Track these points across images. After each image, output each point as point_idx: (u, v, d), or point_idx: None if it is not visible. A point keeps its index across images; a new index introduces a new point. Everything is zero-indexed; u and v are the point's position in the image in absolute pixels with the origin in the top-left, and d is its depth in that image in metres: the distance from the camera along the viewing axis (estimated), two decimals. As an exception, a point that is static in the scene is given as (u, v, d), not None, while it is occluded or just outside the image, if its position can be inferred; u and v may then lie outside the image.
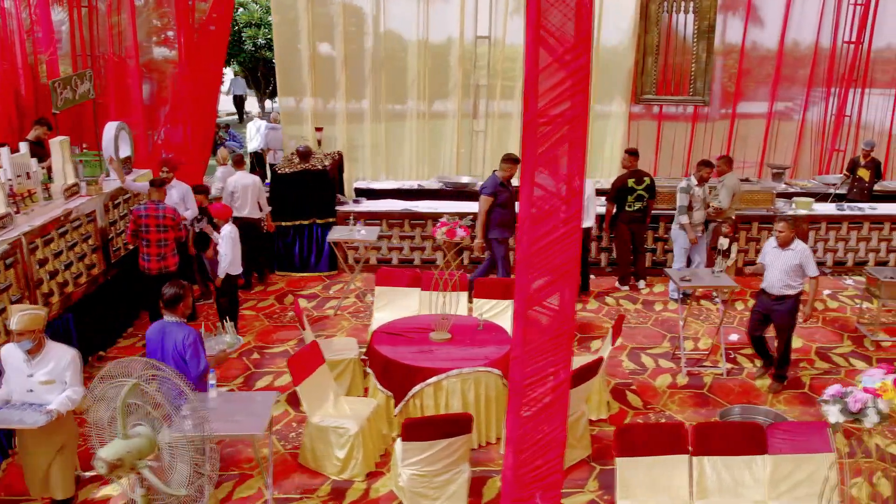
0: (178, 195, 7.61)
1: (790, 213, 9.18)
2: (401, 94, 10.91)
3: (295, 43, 10.66)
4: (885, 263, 9.27)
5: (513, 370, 4.00)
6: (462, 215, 6.63)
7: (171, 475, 3.57)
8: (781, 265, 6.17)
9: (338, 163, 9.55)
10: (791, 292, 6.22)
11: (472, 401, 5.51)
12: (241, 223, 7.57)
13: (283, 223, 8.81)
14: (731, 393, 6.44)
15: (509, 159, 7.90)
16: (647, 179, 8.38)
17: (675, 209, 8.87)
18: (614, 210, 8.47)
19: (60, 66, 9.88)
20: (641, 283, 8.87)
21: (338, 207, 9.02)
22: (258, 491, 5.10)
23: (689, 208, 8.02)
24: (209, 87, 10.42)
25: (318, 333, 7.36)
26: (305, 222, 8.85)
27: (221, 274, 6.86)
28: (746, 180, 9.96)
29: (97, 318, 6.99)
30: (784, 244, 6.17)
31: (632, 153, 8.52)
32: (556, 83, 3.63)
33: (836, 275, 9.28)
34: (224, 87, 20.64)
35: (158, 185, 6.74)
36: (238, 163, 8.64)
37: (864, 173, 9.97)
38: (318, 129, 9.72)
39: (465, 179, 10.68)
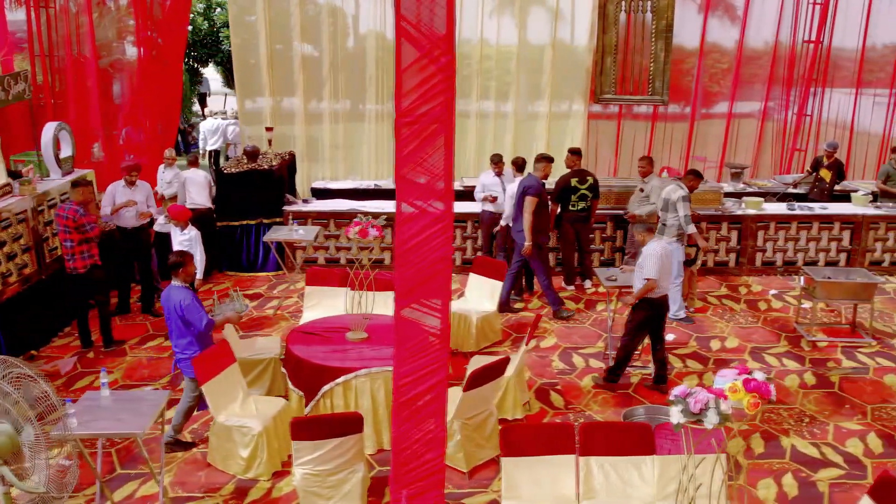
0: (143, 196, 7.75)
1: (739, 212, 9.15)
2: (359, 93, 10.93)
3: (254, 42, 10.70)
4: (835, 263, 9.23)
5: (394, 369, 4.02)
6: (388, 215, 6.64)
7: (31, 473, 3.59)
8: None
9: (287, 163, 9.55)
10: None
11: (382, 400, 5.50)
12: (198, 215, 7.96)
13: (231, 223, 8.83)
14: (655, 393, 6.42)
15: (544, 158, 7.99)
16: (590, 179, 8.36)
17: (622, 209, 8.87)
18: (558, 210, 8.46)
19: (17, 68, 9.91)
20: (588, 283, 8.85)
21: (286, 207, 9.03)
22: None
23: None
24: (169, 86, 10.44)
25: (254, 333, 7.37)
26: (252, 222, 8.87)
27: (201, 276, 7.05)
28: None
29: (31, 317, 7.03)
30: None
31: (575, 152, 8.51)
32: (423, 80, 3.65)
33: (786, 275, 9.24)
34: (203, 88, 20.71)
35: (74, 185, 6.78)
36: (192, 162, 8.74)
37: (825, 174, 9.92)
38: (269, 129, 9.73)
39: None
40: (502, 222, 8.28)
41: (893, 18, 11.04)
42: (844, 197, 9.88)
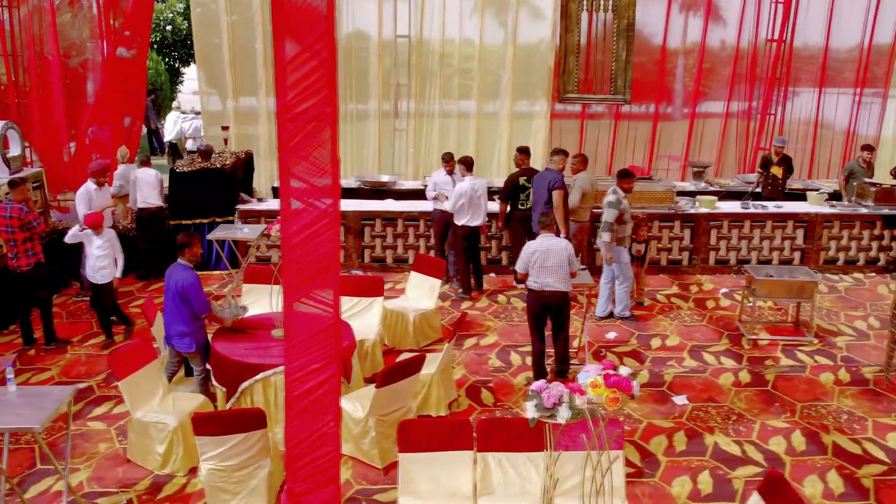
0: (109, 196, 7.96)
1: (692, 211, 9.15)
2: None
3: (216, 40, 10.75)
4: (789, 262, 9.22)
5: (285, 365, 4.04)
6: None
7: None
8: None
9: (243, 162, 9.59)
10: None
11: (302, 397, 5.52)
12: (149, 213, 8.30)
13: (183, 221, 8.87)
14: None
15: (560, 151, 8.19)
16: (538, 178, 8.38)
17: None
18: (508, 208, 8.47)
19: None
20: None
21: (240, 206, 9.06)
22: (79, 484, 5.15)
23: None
24: (134, 82, 10.45)
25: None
26: (205, 221, 8.90)
27: (120, 275, 7.21)
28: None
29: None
30: None
31: (523, 151, 8.53)
32: (304, 75, 3.66)
33: (739, 273, 9.23)
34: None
35: (12, 185, 6.82)
36: (144, 162, 8.77)
37: (776, 171, 9.93)
38: (225, 129, 9.77)
39: (385, 178, 10.71)
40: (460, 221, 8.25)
41: (856, 17, 11.03)
42: (801, 195, 9.87)
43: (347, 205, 9.20)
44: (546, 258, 6.19)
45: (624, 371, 3.30)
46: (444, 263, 7.54)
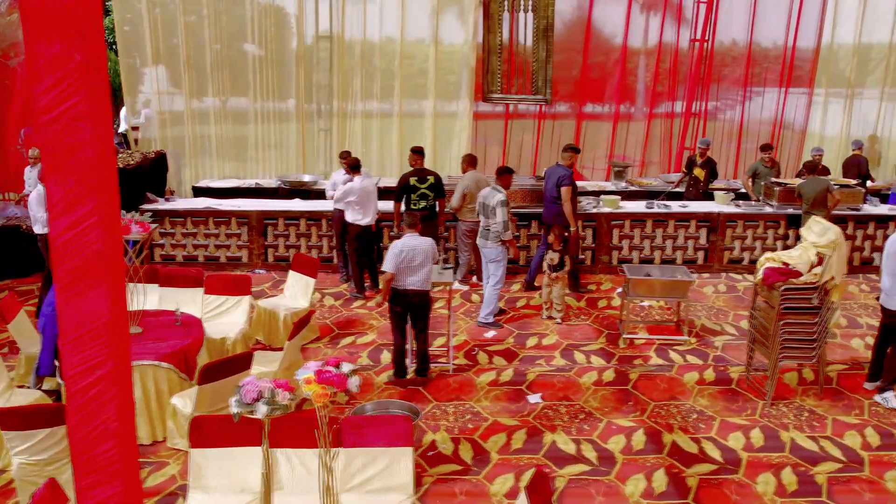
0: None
1: (594, 210, 9.17)
2: (243, 90, 11.06)
3: (140, 40, 10.87)
4: (693, 262, 9.22)
5: (62, 361, 4.10)
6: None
7: None
8: None
9: (150, 161, 9.69)
10: None
11: (139, 395, 5.60)
12: None
13: (86, 221, 8.96)
14: (444, 389, 6.47)
15: (570, 148, 8.39)
16: (430, 178, 8.41)
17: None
18: (402, 209, 8.52)
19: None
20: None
21: (146, 206, 9.16)
22: None
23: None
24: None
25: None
26: (108, 220, 8.99)
27: None
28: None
29: None
30: None
31: (416, 151, 8.57)
32: (62, 76, 3.71)
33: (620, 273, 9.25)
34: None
35: None
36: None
37: (699, 172, 9.92)
38: (135, 129, 9.88)
39: (306, 178, 10.79)
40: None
41: (779, 16, 11.01)
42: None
43: (250, 204, 9.30)
44: (412, 257, 6.25)
45: (346, 368, 3.36)
46: (318, 263, 7.61)
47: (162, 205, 9.24)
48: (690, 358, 7.11)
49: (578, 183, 10.55)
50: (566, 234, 7.83)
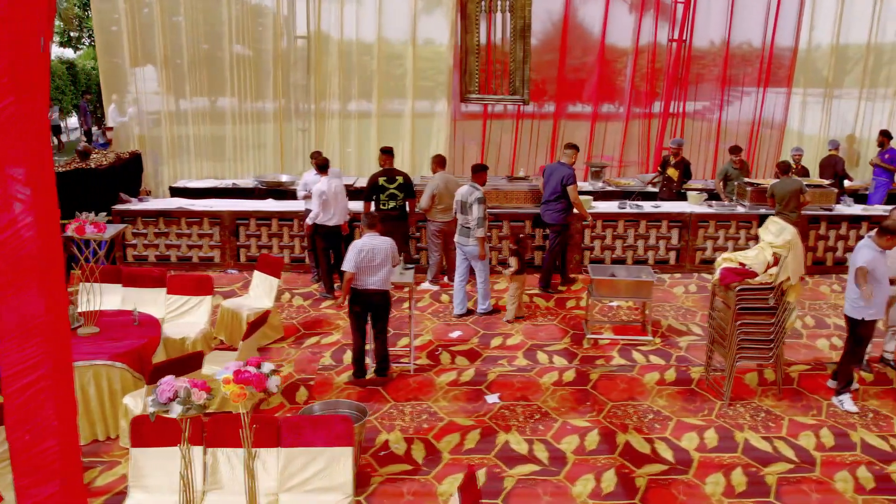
0: None
1: (565, 211, 9.17)
2: (220, 91, 11.09)
3: (117, 41, 10.90)
4: (665, 262, 9.22)
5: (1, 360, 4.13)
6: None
7: None
8: None
9: (123, 162, 9.71)
10: None
11: (93, 394, 5.63)
12: None
13: (59, 221, 9.00)
14: (403, 389, 6.48)
15: (572, 146, 8.52)
16: (399, 178, 8.42)
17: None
18: (371, 209, 8.53)
19: None
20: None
21: (119, 206, 9.19)
22: None
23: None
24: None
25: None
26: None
27: None
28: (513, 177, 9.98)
29: None
30: None
31: (386, 151, 8.58)
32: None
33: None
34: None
35: None
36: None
37: (672, 173, 9.93)
38: (109, 129, 9.91)
39: (284, 178, 10.81)
40: (308, 221, 8.36)
41: (757, 16, 11.00)
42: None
43: (222, 204, 9.32)
44: (372, 257, 6.27)
45: (266, 368, 3.37)
46: (283, 263, 7.62)
47: (134, 205, 9.26)
48: (653, 358, 7.11)
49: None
50: (521, 235, 7.86)
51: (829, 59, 11.20)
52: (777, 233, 6.17)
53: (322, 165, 8.22)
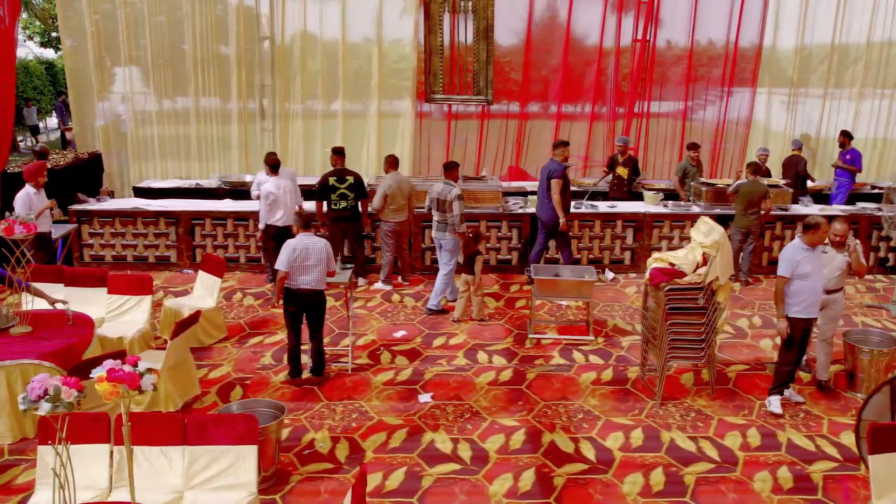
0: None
1: (520, 211, 9.19)
2: (185, 91, 11.14)
3: (83, 46, 10.96)
4: (620, 262, 9.24)
5: None
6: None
7: None
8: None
9: (81, 162, 9.77)
10: None
11: (20, 392, 5.68)
12: None
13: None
14: (339, 388, 6.51)
15: (563, 143, 8.62)
16: (350, 178, 8.46)
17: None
18: (324, 208, 8.58)
19: None
20: (362, 281, 8.97)
21: (76, 206, 9.25)
22: None
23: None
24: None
25: None
26: (36, 220, 9.10)
27: None
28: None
29: None
30: None
31: (336, 152, 8.62)
32: None
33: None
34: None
35: None
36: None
37: (622, 171, 9.94)
38: (68, 129, 9.97)
39: (248, 178, 10.86)
40: (260, 225, 8.39)
41: (721, 16, 10.99)
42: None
43: (178, 204, 9.37)
44: (306, 257, 6.30)
45: (142, 367, 3.42)
46: (225, 263, 7.67)
47: (92, 205, 9.32)
48: (593, 358, 7.13)
49: (522, 183, 10.67)
50: (470, 234, 7.85)
51: (793, 59, 11.19)
52: (706, 233, 6.18)
53: (273, 165, 8.26)
